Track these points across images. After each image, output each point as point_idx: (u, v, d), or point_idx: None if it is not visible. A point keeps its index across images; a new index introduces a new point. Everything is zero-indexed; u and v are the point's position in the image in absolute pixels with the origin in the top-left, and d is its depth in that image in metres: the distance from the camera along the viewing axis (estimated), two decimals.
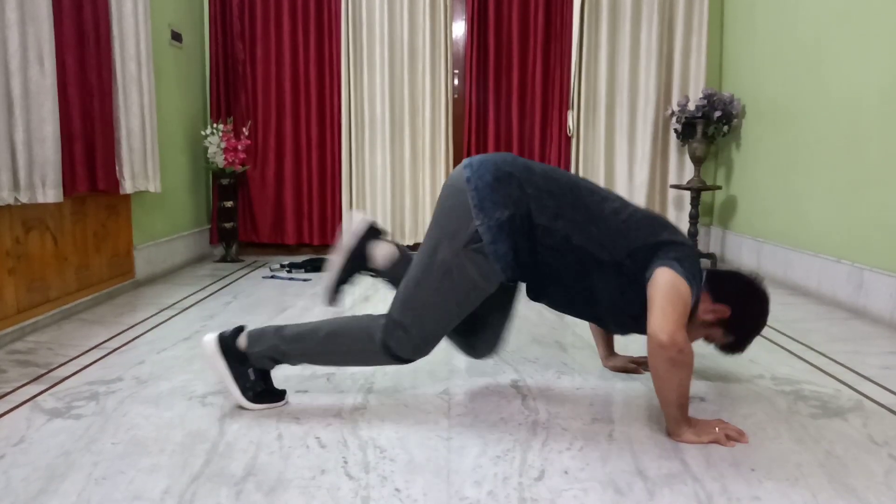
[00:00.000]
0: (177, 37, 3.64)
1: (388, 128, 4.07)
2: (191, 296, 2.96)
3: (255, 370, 1.62)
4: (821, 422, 1.56)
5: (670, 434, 1.46)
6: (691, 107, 3.82)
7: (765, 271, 3.42)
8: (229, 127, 3.90)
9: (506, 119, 4.10)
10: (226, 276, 3.46)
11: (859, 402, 1.69)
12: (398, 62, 4.06)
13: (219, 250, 4.06)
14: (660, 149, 4.08)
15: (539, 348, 2.17)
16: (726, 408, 1.65)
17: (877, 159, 2.58)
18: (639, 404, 1.67)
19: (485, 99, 4.08)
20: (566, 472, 1.30)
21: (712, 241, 4.14)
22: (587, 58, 4.00)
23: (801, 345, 2.23)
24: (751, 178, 3.69)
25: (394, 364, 1.58)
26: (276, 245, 4.21)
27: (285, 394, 1.67)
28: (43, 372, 1.90)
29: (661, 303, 1.40)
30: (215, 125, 3.86)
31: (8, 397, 1.69)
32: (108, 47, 2.74)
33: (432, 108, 4.06)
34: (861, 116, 2.68)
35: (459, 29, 4.14)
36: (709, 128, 3.79)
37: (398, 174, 4.15)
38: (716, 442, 1.43)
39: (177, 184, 3.70)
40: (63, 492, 1.22)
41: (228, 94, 4.08)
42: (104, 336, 2.28)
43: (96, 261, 2.82)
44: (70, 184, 2.48)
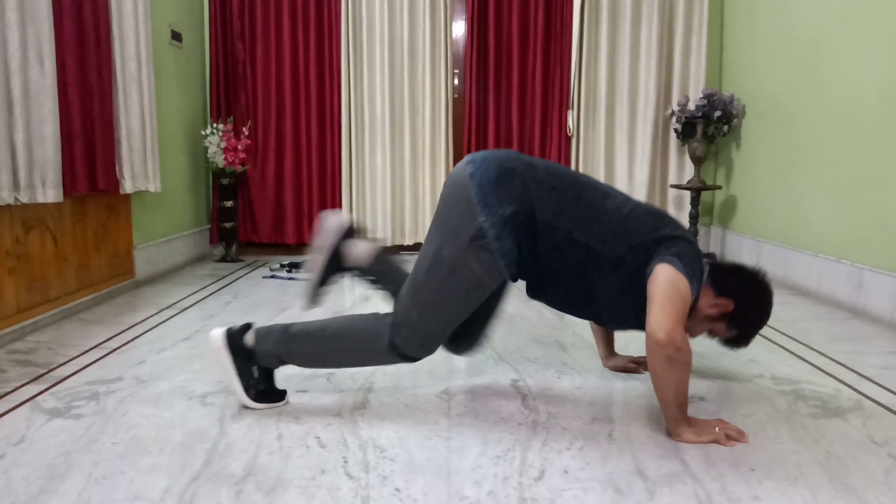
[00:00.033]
0: (177, 37, 3.64)
1: (388, 128, 4.07)
2: (191, 295, 2.96)
3: (259, 368, 1.62)
4: (821, 422, 1.56)
5: (670, 434, 1.46)
6: (691, 107, 3.83)
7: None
8: (229, 127, 3.90)
9: (506, 119, 4.10)
10: (226, 276, 3.46)
11: (859, 402, 1.69)
12: (398, 62, 4.06)
13: (219, 250, 4.06)
14: (660, 149, 4.08)
15: (539, 348, 2.17)
16: (726, 408, 1.65)
17: (877, 159, 2.58)
18: (639, 404, 1.67)
19: (485, 99, 4.08)
20: (566, 472, 1.30)
21: (712, 241, 4.14)
22: (587, 58, 4.00)
23: (801, 345, 2.23)
24: (751, 178, 3.69)
25: (401, 362, 1.58)
26: (276, 245, 4.21)
27: (286, 394, 1.67)
28: (43, 372, 1.90)
29: (660, 300, 1.40)
30: (215, 125, 3.86)
31: (8, 397, 1.70)
32: (108, 47, 2.75)
33: (432, 108, 4.06)
34: (861, 116, 2.68)
35: (459, 29, 4.14)
36: (709, 128, 3.79)
37: (398, 174, 4.15)
38: (716, 442, 1.42)
39: (177, 183, 3.70)
40: (63, 492, 1.22)
41: (228, 93, 4.08)
42: (104, 336, 2.28)
43: (96, 261, 2.82)
44: (70, 184, 2.48)
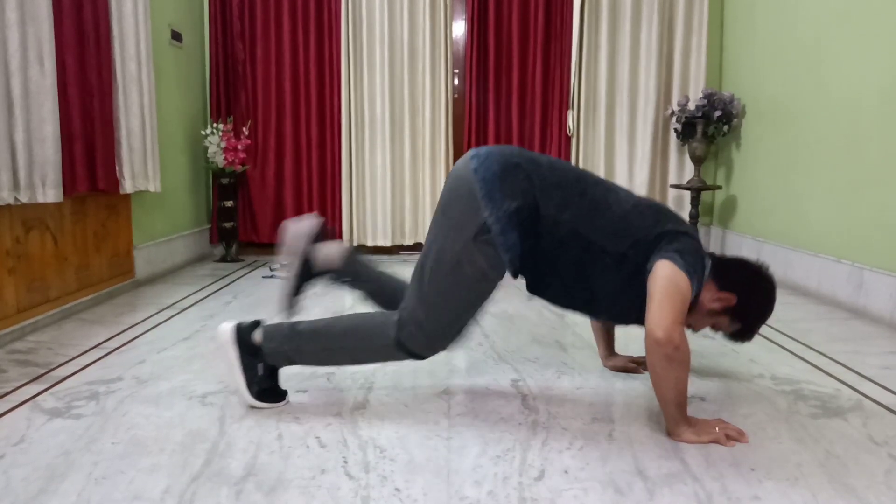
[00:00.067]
0: (177, 37, 3.64)
1: (388, 128, 4.07)
2: (191, 295, 2.96)
3: (264, 366, 1.61)
4: (821, 422, 1.56)
5: (670, 434, 1.46)
6: (691, 106, 3.83)
7: None
8: (229, 126, 3.90)
9: (506, 119, 4.10)
10: (226, 276, 3.46)
11: (859, 402, 1.69)
12: (398, 62, 4.06)
13: (219, 250, 4.06)
14: (660, 149, 4.08)
15: (539, 348, 2.17)
16: (726, 408, 1.65)
17: (877, 159, 2.58)
18: (639, 404, 1.67)
19: (485, 99, 4.08)
20: (566, 472, 1.30)
21: (712, 241, 4.14)
22: (587, 58, 4.00)
23: (801, 345, 2.23)
24: (751, 178, 3.69)
25: (409, 359, 1.57)
26: (276, 245, 4.20)
27: (286, 395, 1.67)
28: (43, 372, 1.90)
29: (659, 298, 1.40)
30: (215, 125, 3.86)
31: (8, 397, 1.69)
32: (108, 47, 2.74)
33: (432, 108, 4.06)
34: (861, 116, 2.68)
35: (459, 29, 4.14)
36: (709, 127, 3.79)
37: (398, 174, 4.15)
38: (716, 442, 1.42)
39: (177, 183, 3.70)
40: (63, 492, 1.22)
41: (228, 93, 4.08)
42: (104, 336, 2.28)
43: (96, 261, 2.82)
44: (70, 184, 2.48)
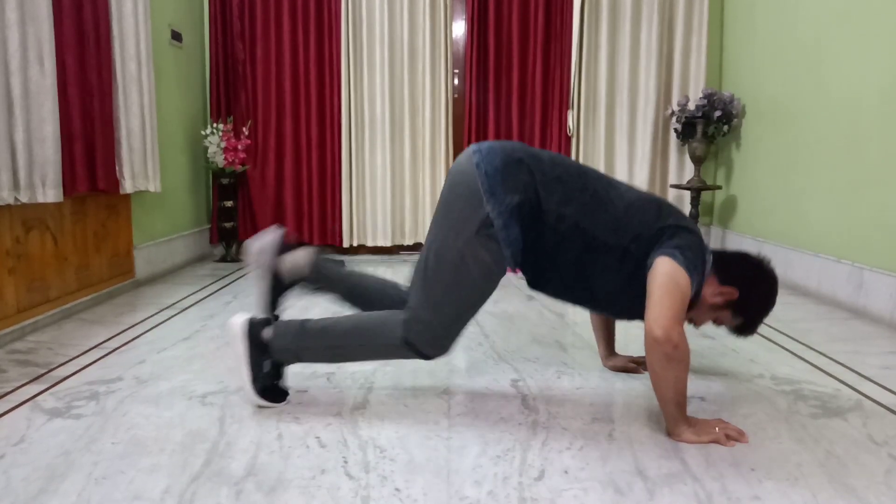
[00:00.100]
0: (177, 37, 3.64)
1: (388, 128, 4.07)
2: (191, 295, 2.96)
3: (271, 363, 1.62)
4: (821, 422, 1.56)
5: (670, 434, 1.46)
6: (691, 106, 3.83)
7: None
8: (229, 127, 3.90)
9: (506, 119, 4.10)
10: (226, 276, 3.46)
11: (859, 402, 1.69)
12: (398, 62, 4.06)
13: (219, 250, 4.06)
14: (660, 148, 4.08)
15: (539, 348, 2.17)
16: (726, 408, 1.65)
17: (877, 159, 2.58)
18: (639, 404, 1.67)
19: (485, 99, 4.08)
20: (566, 472, 1.30)
21: (712, 241, 4.14)
22: (587, 58, 4.00)
23: (801, 345, 2.23)
24: (751, 178, 3.69)
25: (416, 358, 1.57)
26: None
27: (288, 394, 1.67)
28: (43, 372, 1.90)
29: (658, 296, 1.40)
30: (215, 125, 3.86)
31: (8, 397, 1.69)
32: (108, 47, 2.74)
33: (432, 108, 4.06)
34: (861, 116, 2.68)
35: (459, 29, 4.14)
36: (709, 127, 3.79)
37: (398, 174, 4.15)
38: (716, 442, 1.42)
39: (177, 183, 3.70)
40: (63, 492, 1.22)
41: (228, 93, 4.08)
42: (104, 336, 2.28)
43: (96, 261, 2.82)
44: (70, 184, 2.48)
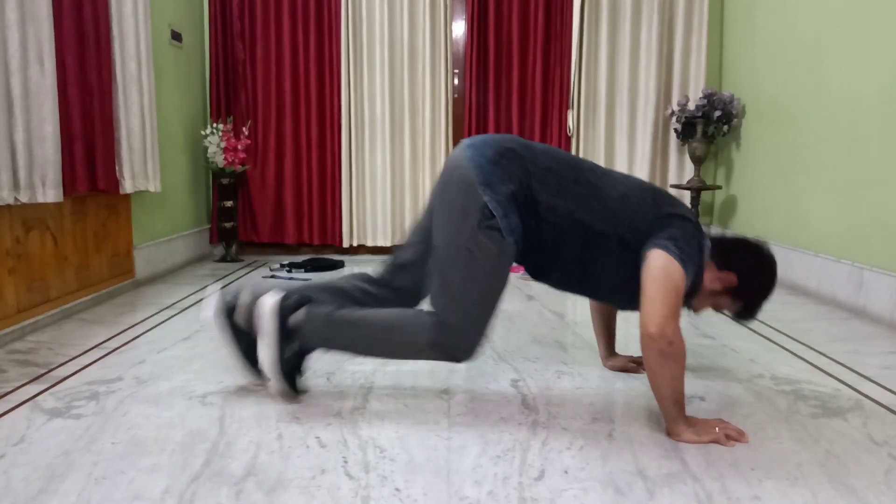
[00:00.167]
0: (177, 37, 3.64)
1: (388, 128, 4.07)
2: (191, 295, 2.96)
3: (295, 352, 1.62)
4: (821, 421, 1.56)
5: (670, 433, 1.46)
6: (691, 106, 3.83)
7: None
8: (229, 126, 3.90)
9: (506, 119, 4.10)
10: (226, 276, 3.46)
11: (859, 402, 1.69)
12: (398, 62, 4.06)
13: (219, 250, 4.06)
14: (660, 148, 4.08)
15: (539, 348, 2.17)
16: (726, 408, 1.65)
17: (877, 159, 2.58)
18: (639, 404, 1.67)
19: (485, 99, 4.08)
20: (566, 472, 1.30)
21: None
22: (587, 58, 4.00)
23: (801, 344, 2.23)
24: (751, 178, 3.69)
25: (444, 360, 1.58)
26: (276, 245, 4.21)
27: (303, 391, 1.69)
28: (43, 372, 1.90)
29: (651, 292, 1.40)
30: (215, 125, 3.86)
31: (8, 397, 1.69)
32: (108, 47, 2.74)
33: (432, 108, 4.06)
34: (861, 116, 2.68)
35: (459, 29, 4.14)
36: (709, 127, 3.79)
37: (398, 174, 4.15)
38: (716, 442, 1.42)
39: (177, 183, 3.70)
40: (63, 492, 1.22)
41: (228, 93, 4.08)
42: (104, 336, 2.28)
43: (96, 260, 2.82)
44: (70, 183, 2.48)
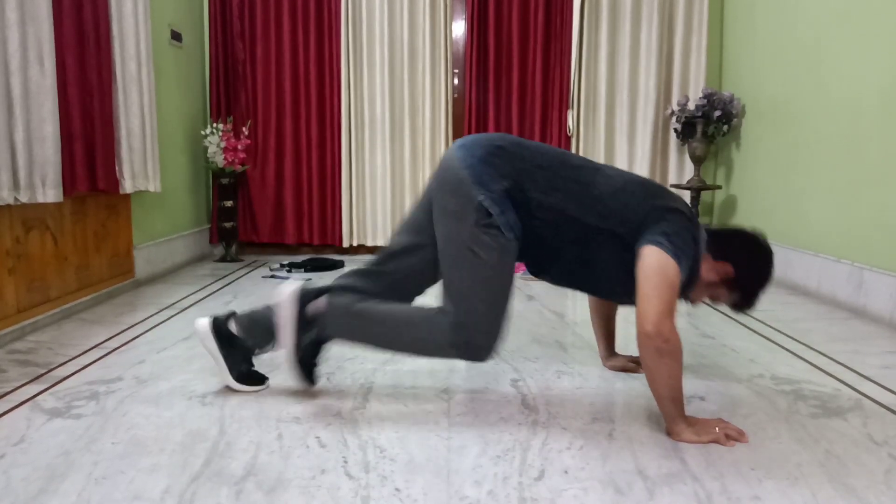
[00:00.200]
0: (177, 37, 3.64)
1: (388, 128, 4.08)
2: (191, 295, 2.96)
3: (312, 342, 1.63)
4: (821, 421, 1.56)
5: (670, 433, 1.46)
6: (691, 106, 3.83)
7: None
8: (229, 126, 3.90)
9: (506, 118, 4.10)
10: (226, 276, 3.46)
11: (859, 402, 1.69)
12: (398, 62, 4.06)
13: (219, 250, 4.06)
14: (659, 148, 4.08)
15: (539, 348, 2.17)
16: (726, 408, 1.65)
17: (877, 159, 2.58)
18: (639, 404, 1.67)
19: (485, 99, 4.08)
20: (566, 472, 1.30)
21: None
22: (587, 57, 4.00)
23: (801, 344, 2.23)
24: (751, 178, 3.69)
25: (467, 360, 1.59)
26: (276, 245, 4.21)
27: (316, 380, 1.72)
28: (43, 371, 1.90)
29: (646, 290, 1.39)
30: (215, 125, 3.86)
31: (8, 397, 1.69)
32: (108, 47, 2.74)
33: (432, 108, 4.06)
34: (861, 116, 2.68)
35: (459, 29, 4.14)
36: (709, 127, 3.79)
37: (398, 174, 4.15)
38: (716, 441, 1.42)
39: (177, 183, 3.70)
40: (63, 492, 1.22)
41: (228, 93, 4.08)
42: (104, 336, 2.28)
43: (96, 260, 2.82)
44: (70, 183, 2.48)
